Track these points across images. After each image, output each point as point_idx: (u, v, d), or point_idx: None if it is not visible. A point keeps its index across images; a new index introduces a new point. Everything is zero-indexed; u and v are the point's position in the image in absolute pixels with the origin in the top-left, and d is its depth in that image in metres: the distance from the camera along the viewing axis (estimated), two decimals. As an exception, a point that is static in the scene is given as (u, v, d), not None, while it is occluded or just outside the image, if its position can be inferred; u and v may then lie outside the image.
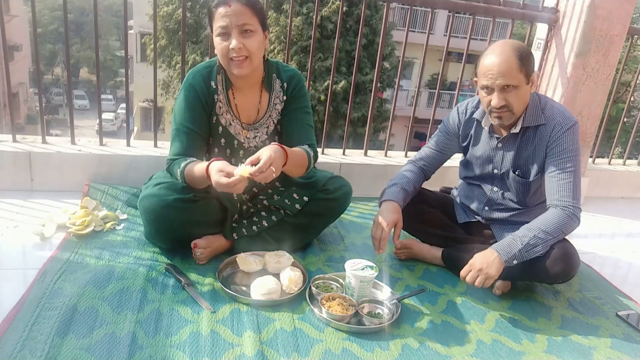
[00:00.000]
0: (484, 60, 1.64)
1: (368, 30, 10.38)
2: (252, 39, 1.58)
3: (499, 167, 1.81)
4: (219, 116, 1.73)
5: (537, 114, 1.70)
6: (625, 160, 3.39)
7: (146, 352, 1.26)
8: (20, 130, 6.95)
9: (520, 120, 1.70)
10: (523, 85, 1.62)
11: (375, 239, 1.71)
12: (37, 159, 2.20)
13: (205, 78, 1.70)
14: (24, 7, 17.26)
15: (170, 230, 1.66)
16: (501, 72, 1.59)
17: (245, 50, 1.58)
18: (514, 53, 1.59)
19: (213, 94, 1.70)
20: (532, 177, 1.75)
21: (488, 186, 1.87)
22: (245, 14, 1.56)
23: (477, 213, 1.93)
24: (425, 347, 1.43)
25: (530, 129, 1.72)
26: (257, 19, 1.59)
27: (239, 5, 1.55)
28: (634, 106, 10.01)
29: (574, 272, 1.64)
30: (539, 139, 1.70)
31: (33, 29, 2.23)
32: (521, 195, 1.81)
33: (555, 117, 1.68)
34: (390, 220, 1.71)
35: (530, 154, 1.73)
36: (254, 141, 1.79)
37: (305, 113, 1.81)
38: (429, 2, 2.60)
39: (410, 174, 1.90)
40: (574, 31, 2.64)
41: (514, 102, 1.63)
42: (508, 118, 1.67)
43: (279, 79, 1.78)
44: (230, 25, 1.56)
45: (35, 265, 1.59)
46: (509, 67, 1.58)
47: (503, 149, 1.78)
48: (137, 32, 16.10)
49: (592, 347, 1.53)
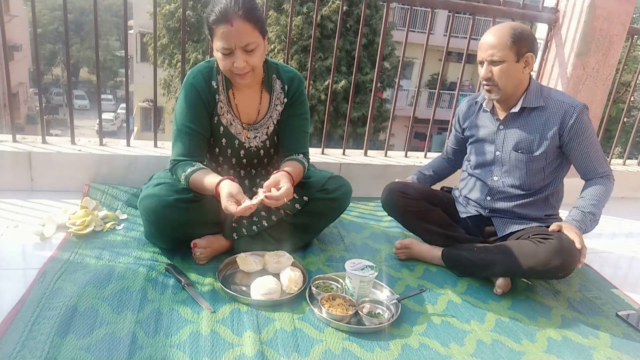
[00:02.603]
0: (482, 37, 1.77)
1: (368, 30, 10.39)
2: (255, 55, 1.57)
3: (501, 148, 1.86)
4: (220, 116, 1.73)
5: (537, 97, 1.78)
6: (625, 160, 3.39)
7: (146, 352, 1.26)
8: (20, 130, 6.95)
9: (520, 101, 1.78)
10: (511, 62, 1.70)
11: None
12: (37, 159, 2.20)
13: (206, 78, 1.70)
14: (24, 7, 17.26)
15: (171, 230, 1.66)
16: (491, 45, 1.71)
17: (249, 66, 1.58)
18: (509, 31, 1.69)
19: (214, 93, 1.70)
20: (537, 152, 1.79)
21: (488, 175, 1.90)
22: (247, 32, 1.52)
23: (479, 204, 1.93)
24: (425, 347, 1.43)
25: (535, 111, 1.78)
26: (258, 31, 1.56)
27: (240, 23, 1.51)
28: (634, 106, 10.00)
29: (573, 266, 1.65)
30: (550, 117, 1.77)
31: (33, 29, 2.23)
32: (524, 176, 1.83)
33: (564, 100, 1.77)
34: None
35: (538, 133, 1.79)
36: (254, 141, 1.79)
37: (303, 119, 1.83)
38: (429, 2, 2.60)
39: (435, 163, 2.15)
40: (574, 31, 2.64)
41: (499, 76, 1.72)
42: (495, 93, 1.77)
43: (279, 80, 1.79)
44: (234, 47, 1.53)
45: (35, 265, 1.59)
46: (499, 42, 1.70)
47: (504, 129, 1.84)
48: (137, 32, 16.10)
49: (592, 347, 1.53)
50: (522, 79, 1.76)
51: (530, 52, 1.71)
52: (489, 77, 1.74)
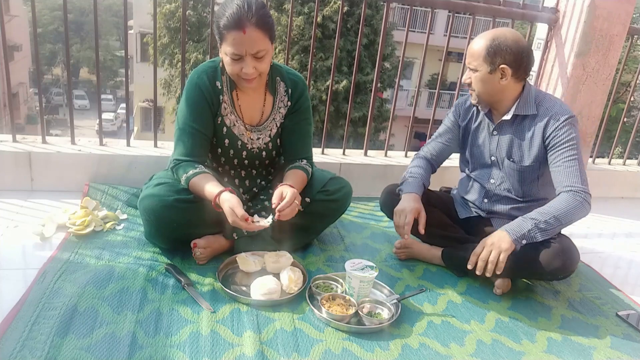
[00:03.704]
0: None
1: (369, 30, 10.39)
2: (264, 61, 1.57)
3: (495, 153, 1.85)
4: (223, 117, 1.73)
5: (529, 105, 1.75)
6: (625, 160, 3.39)
7: (146, 352, 1.26)
8: (20, 130, 6.94)
9: (512, 108, 1.76)
10: (484, 72, 1.70)
11: (399, 226, 1.74)
12: (37, 159, 2.20)
13: (211, 78, 1.69)
14: (24, 7, 17.27)
15: (170, 230, 1.66)
16: (470, 53, 1.74)
17: (257, 72, 1.58)
18: (488, 42, 1.68)
19: (219, 94, 1.70)
20: (527, 163, 1.77)
21: (486, 178, 1.89)
22: (259, 40, 1.52)
23: (477, 207, 1.93)
24: (425, 347, 1.43)
25: (527, 119, 1.76)
26: (269, 38, 1.56)
27: (253, 31, 1.50)
28: (634, 106, 10.00)
29: (574, 268, 1.64)
30: (536, 127, 1.74)
31: (33, 29, 2.23)
32: (517, 184, 1.83)
33: (553, 109, 1.72)
34: (413, 208, 1.75)
35: (527, 142, 1.76)
36: (257, 142, 1.79)
37: (307, 125, 1.86)
38: (429, 2, 2.60)
39: (423, 170, 1.95)
40: (574, 31, 2.64)
41: (475, 84, 1.74)
42: (474, 98, 1.79)
43: (283, 83, 1.79)
44: (244, 53, 1.53)
45: (35, 265, 1.59)
46: (476, 51, 1.71)
47: (498, 135, 1.83)
48: (137, 32, 16.11)
49: (592, 347, 1.53)
50: (501, 88, 1.72)
51: (505, 65, 1.67)
52: (468, 82, 1.76)
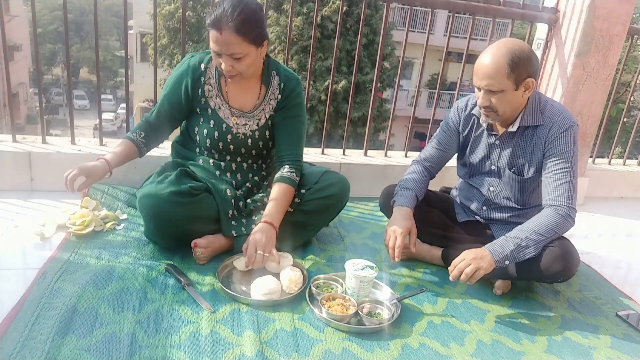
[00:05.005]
0: (478, 59, 1.63)
1: (368, 30, 10.39)
2: (242, 62, 1.64)
3: (496, 163, 1.81)
4: (208, 98, 1.80)
5: (535, 114, 1.70)
6: (625, 160, 3.39)
7: (146, 352, 1.26)
8: (20, 130, 6.96)
9: (518, 120, 1.70)
10: (510, 91, 1.59)
11: (390, 248, 1.70)
12: (37, 159, 2.20)
13: (200, 59, 1.80)
14: (24, 7, 17.27)
15: (169, 226, 1.66)
16: (487, 75, 1.58)
17: (235, 70, 1.65)
18: (506, 57, 1.55)
19: (200, 75, 1.80)
20: (528, 175, 1.75)
21: (485, 186, 1.87)
22: (234, 43, 1.59)
23: (476, 213, 1.93)
24: (425, 347, 1.43)
25: (529, 129, 1.72)
26: (248, 42, 1.62)
27: (228, 35, 1.58)
28: (634, 106, 10.01)
29: (574, 271, 1.64)
30: (537, 138, 1.70)
31: (33, 29, 2.23)
32: (517, 194, 1.81)
33: (554, 118, 1.68)
34: (404, 228, 1.70)
35: (528, 153, 1.73)
36: (242, 128, 1.83)
37: (298, 123, 1.87)
38: (429, 2, 2.60)
39: (420, 177, 1.89)
40: (574, 31, 2.64)
41: (499, 105, 1.62)
42: (493, 118, 1.68)
43: (277, 77, 1.84)
44: (221, 52, 1.62)
45: (35, 265, 1.59)
46: (495, 71, 1.57)
47: (500, 147, 1.78)
48: (137, 32, 16.11)
49: (592, 347, 1.53)
50: (522, 102, 1.67)
51: (530, 77, 1.59)
52: (487, 105, 1.64)
